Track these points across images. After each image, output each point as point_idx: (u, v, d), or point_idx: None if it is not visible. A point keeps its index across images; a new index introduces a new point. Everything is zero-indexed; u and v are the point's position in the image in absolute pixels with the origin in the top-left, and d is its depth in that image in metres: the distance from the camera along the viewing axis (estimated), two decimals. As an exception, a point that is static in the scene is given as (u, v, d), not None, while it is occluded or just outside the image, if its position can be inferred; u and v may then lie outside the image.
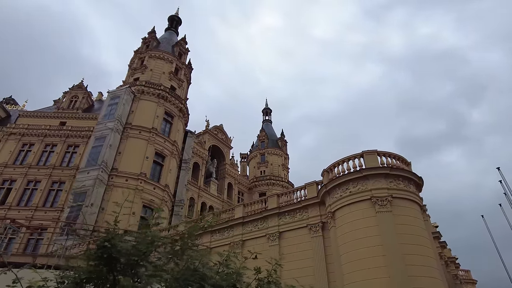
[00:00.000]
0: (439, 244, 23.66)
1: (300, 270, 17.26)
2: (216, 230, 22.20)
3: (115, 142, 31.58)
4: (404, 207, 15.22)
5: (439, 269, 14.54)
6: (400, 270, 13.27)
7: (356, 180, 16.05)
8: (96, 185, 28.42)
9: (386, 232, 14.25)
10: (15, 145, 40.85)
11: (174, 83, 40.14)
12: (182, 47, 44.05)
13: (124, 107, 33.67)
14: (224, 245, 21.24)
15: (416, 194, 16.13)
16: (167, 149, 34.88)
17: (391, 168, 15.77)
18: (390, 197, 15.07)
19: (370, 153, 16.46)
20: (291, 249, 18.34)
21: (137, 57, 41.36)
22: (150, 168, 32.60)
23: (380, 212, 14.81)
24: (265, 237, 19.51)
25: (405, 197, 15.53)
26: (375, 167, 15.82)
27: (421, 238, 14.53)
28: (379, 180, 15.66)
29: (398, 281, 13.02)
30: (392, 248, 13.80)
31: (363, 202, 15.43)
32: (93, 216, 27.25)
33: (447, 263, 24.49)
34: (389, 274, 13.31)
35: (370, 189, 15.51)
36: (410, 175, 16.10)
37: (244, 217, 20.93)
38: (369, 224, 14.83)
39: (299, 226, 18.54)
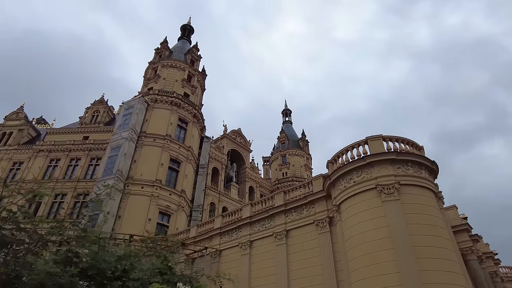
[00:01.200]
0: (469, 237, 21.35)
1: (309, 270, 16.20)
2: (226, 232, 21.56)
3: (130, 151, 32.09)
4: (414, 194, 13.73)
5: (459, 262, 12.84)
6: (411, 264, 11.84)
7: (360, 168, 14.79)
8: (112, 194, 28.83)
9: (394, 223, 12.87)
10: (43, 161, 42.88)
11: (188, 90, 40.43)
12: (194, 54, 44.44)
13: (138, 116, 34.25)
14: (233, 247, 20.55)
15: (429, 180, 14.54)
16: (182, 155, 34.96)
17: (397, 153, 14.35)
18: (398, 184, 13.65)
19: (375, 138, 15.14)
20: (298, 247, 17.27)
21: (150, 68, 42.24)
22: (166, 175, 32.74)
23: (387, 201, 13.45)
24: (272, 237, 18.58)
25: (416, 183, 14.03)
26: (379, 152, 14.48)
27: (435, 228, 12.97)
28: (385, 166, 14.29)
29: (409, 276, 11.61)
30: (401, 240, 12.40)
31: (368, 191, 14.13)
32: (109, 224, 27.56)
33: (481, 259, 22.02)
34: (399, 269, 11.91)
35: (375, 177, 14.19)
36: (420, 159, 14.56)
37: (251, 217, 20.13)
38: (376, 215, 13.50)
39: (306, 222, 17.45)
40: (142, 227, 28.82)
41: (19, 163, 43.89)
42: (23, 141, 47.32)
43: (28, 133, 48.70)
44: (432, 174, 15.15)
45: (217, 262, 20.94)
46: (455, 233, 21.49)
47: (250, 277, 18.57)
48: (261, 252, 18.85)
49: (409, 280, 11.52)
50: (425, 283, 11.51)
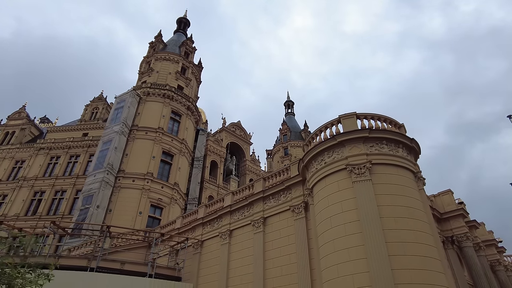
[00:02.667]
0: (465, 223, 20.00)
1: (284, 258, 15.39)
2: (208, 222, 20.95)
3: (121, 145, 31.85)
4: (388, 174, 12.66)
5: (436, 247, 11.71)
6: (380, 248, 10.83)
7: (331, 148, 13.80)
8: (102, 187, 28.71)
9: (363, 205, 11.86)
10: (44, 158, 43.41)
11: (181, 82, 39.94)
12: (189, 47, 43.89)
13: (129, 109, 33.98)
14: (214, 237, 19.92)
15: (406, 159, 13.41)
16: (175, 147, 34.54)
17: (370, 130, 13.27)
18: (369, 163, 12.62)
19: (348, 116, 14.10)
20: (275, 235, 16.46)
21: (144, 62, 41.97)
22: (158, 168, 32.41)
23: (357, 182, 12.44)
24: (250, 225, 17.81)
25: (391, 162, 12.95)
26: (350, 131, 13.44)
27: (410, 210, 11.88)
28: (357, 145, 13.26)
29: (376, 262, 10.61)
30: (370, 224, 11.39)
31: (339, 172, 13.15)
32: (99, 217, 27.45)
33: (479, 246, 20.61)
34: (366, 254, 10.95)
35: (346, 156, 13.19)
36: (397, 136, 13.44)
37: (231, 205, 19.42)
38: (345, 197, 12.53)
39: (283, 209, 16.60)
40: (133, 220, 28.63)
41: (21, 161, 44.60)
42: (26, 140, 48.04)
43: (31, 132, 49.39)
44: (412, 153, 14.01)
45: (199, 253, 20.37)
46: (450, 218, 20.29)
47: (229, 267, 17.90)
48: (240, 241, 18.13)
49: (377, 266, 10.54)
50: (394, 268, 10.50)
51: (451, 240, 19.94)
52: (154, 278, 18.29)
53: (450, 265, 18.90)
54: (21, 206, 39.28)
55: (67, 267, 18.31)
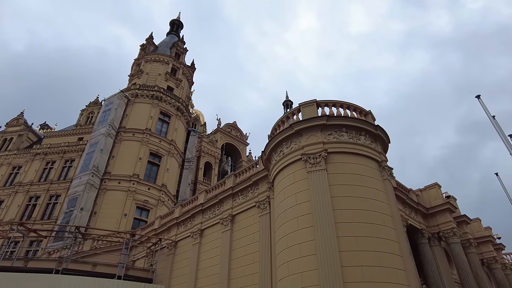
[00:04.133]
0: (452, 219, 18.74)
1: (249, 257, 14.58)
2: (182, 222, 20.28)
3: (107, 147, 31.60)
4: (347, 163, 11.74)
5: (398, 241, 10.68)
6: (330, 243, 9.91)
7: (289, 138, 12.97)
8: (87, 189, 28.43)
9: (316, 197, 10.98)
10: (40, 164, 43.60)
11: (171, 83, 39.62)
12: (180, 48, 43.61)
13: (117, 111, 33.76)
14: (187, 237, 19.22)
15: (370, 147, 12.45)
16: (163, 148, 34.11)
17: (328, 117, 12.38)
18: (324, 152, 11.72)
19: (307, 104, 13.25)
20: (242, 233, 15.66)
21: (135, 64, 41.87)
22: (145, 169, 32.00)
23: (311, 172, 11.56)
24: (220, 224, 17.04)
25: (351, 151, 12.02)
26: (307, 118, 12.58)
27: (368, 202, 10.92)
28: (314, 134, 12.39)
29: (325, 258, 9.70)
30: (321, 217, 10.50)
31: (295, 163, 12.30)
32: (83, 220, 27.12)
33: (470, 242, 19.26)
34: (316, 250, 10.05)
35: (303, 146, 12.34)
36: (357, 123, 12.50)
37: (203, 204, 18.70)
38: (300, 189, 11.66)
39: (250, 205, 15.81)
40: (117, 222, 28.22)
41: (18, 167, 44.92)
42: (24, 146, 48.50)
43: (28, 138, 49.87)
44: (378, 141, 13.03)
45: (173, 253, 19.69)
46: (436, 213, 19.11)
47: (198, 268, 17.16)
48: (210, 241, 17.38)
49: (326, 263, 9.62)
50: (345, 266, 9.55)
51: (437, 237, 18.74)
52: (124, 280, 17.70)
53: (436, 263, 17.71)
54: (16, 211, 39.42)
55: (35, 270, 17.99)
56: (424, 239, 18.05)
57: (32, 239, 34.61)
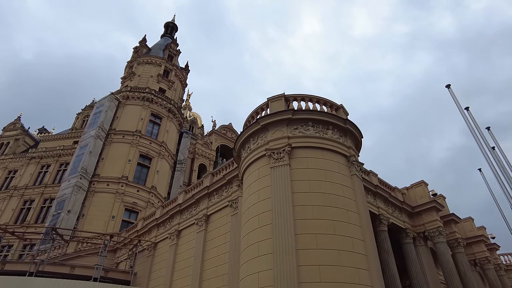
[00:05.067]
0: (438, 217, 18.05)
1: (220, 258, 14.19)
2: (161, 223, 19.93)
3: (97, 149, 31.47)
4: (311, 158, 11.27)
5: (363, 240, 10.13)
6: (287, 241, 9.44)
7: (256, 134, 12.56)
8: (74, 192, 28.27)
9: (277, 193, 10.52)
10: (35, 167, 43.65)
11: (164, 85, 39.48)
12: (173, 49, 43.53)
13: (107, 114, 33.67)
14: (165, 239, 18.86)
15: (338, 142, 11.96)
16: (153, 150, 33.88)
17: (293, 111, 11.94)
18: (288, 147, 11.27)
19: (276, 98, 12.84)
20: (215, 233, 15.25)
21: (128, 67, 41.84)
22: (134, 171, 31.77)
23: (274, 168, 11.12)
24: (195, 224, 16.64)
25: (316, 145, 11.55)
26: (272, 113, 12.16)
27: (332, 197, 10.43)
28: (280, 128, 11.96)
29: (281, 257, 9.22)
30: (280, 213, 10.03)
31: (261, 159, 11.86)
32: (70, 222, 26.93)
33: (458, 242, 18.52)
34: (273, 248, 9.58)
35: (268, 141, 11.91)
36: (324, 117, 12.03)
37: (181, 204, 18.34)
38: (263, 185, 11.22)
39: (224, 205, 15.40)
40: (105, 225, 27.98)
41: (14, 171, 45.06)
42: (20, 150, 48.69)
43: (25, 142, 50.10)
44: (348, 135, 12.53)
45: (152, 255, 19.33)
46: (422, 212, 18.47)
47: (174, 269, 16.77)
48: (186, 242, 17.00)
49: (281, 262, 9.13)
50: (302, 265, 9.06)
51: (423, 236, 18.09)
52: (101, 282, 17.35)
53: (420, 263, 17.06)
54: (10, 215, 39.44)
55: (11, 273, 17.75)
56: (409, 239, 17.41)
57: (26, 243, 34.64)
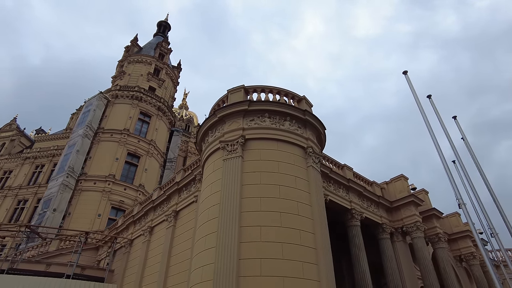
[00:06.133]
0: (417, 212, 17.57)
1: (185, 253, 13.90)
2: (137, 220, 19.78)
3: (84, 148, 31.50)
4: (265, 149, 10.97)
5: (313, 232, 9.77)
6: (231, 234, 9.16)
7: (214, 126, 12.30)
8: (61, 190, 28.30)
9: (226, 185, 10.26)
10: (29, 167, 43.93)
11: (154, 83, 39.42)
12: (164, 48, 43.45)
13: (95, 112, 33.68)
14: (140, 236, 18.69)
15: (295, 133, 11.63)
16: (142, 148, 33.80)
17: (250, 103, 11.64)
18: (242, 138, 10.99)
19: (235, 90, 12.55)
20: (183, 229, 15.02)
21: (119, 66, 41.86)
22: (122, 169, 31.72)
23: (227, 160, 10.85)
24: (166, 220, 16.44)
25: (272, 137, 11.25)
26: (229, 104, 11.88)
27: (283, 189, 10.11)
28: (237, 120, 11.67)
29: (224, 251, 8.95)
30: (227, 206, 9.76)
31: (217, 152, 11.60)
32: (56, 221, 26.96)
33: (439, 237, 17.99)
34: (216, 242, 9.31)
35: (223, 133, 11.63)
36: (280, 108, 11.72)
37: (154, 201, 18.16)
38: (216, 178, 10.96)
39: (191, 200, 15.13)
40: (91, 223, 27.96)
41: (9, 171, 45.40)
42: (16, 151, 49.01)
43: (21, 142, 50.46)
44: (308, 127, 12.20)
45: (128, 252, 19.20)
46: (401, 207, 18.03)
47: (145, 265, 16.61)
48: (158, 238, 16.81)
49: (223, 256, 8.85)
50: (244, 258, 8.79)
51: (401, 231, 17.64)
52: (74, 279, 17.26)
53: (397, 259, 16.63)
54: (4, 215, 39.72)
55: (-15, 271, 17.76)
56: (386, 234, 16.99)
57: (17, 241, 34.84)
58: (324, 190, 14.53)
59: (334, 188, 15.42)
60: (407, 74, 10.44)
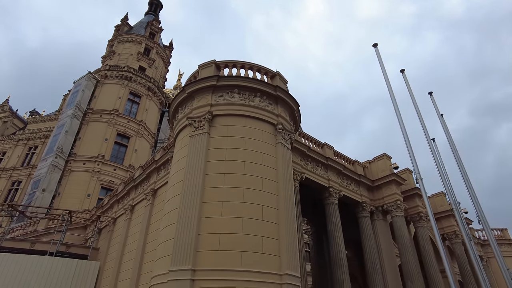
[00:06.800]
0: (398, 191, 17.53)
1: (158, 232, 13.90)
2: (120, 199, 19.86)
3: (73, 128, 31.34)
4: (232, 126, 10.76)
5: (281, 209, 9.69)
6: (192, 211, 9.09)
7: (183, 102, 12.06)
8: (49, 171, 28.36)
9: (191, 162, 10.12)
10: (22, 149, 43.96)
11: (144, 63, 38.80)
12: (154, 27, 42.51)
13: (84, 93, 33.32)
14: (122, 214, 18.80)
15: (265, 109, 11.37)
16: (131, 129, 33.62)
17: (218, 78, 11.34)
18: (208, 114, 10.76)
19: (206, 65, 12.21)
20: (159, 207, 14.95)
21: (109, 45, 41.10)
22: (111, 150, 31.66)
23: (193, 137, 10.67)
24: (145, 199, 16.46)
25: (240, 113, 11.01)
26: (197, 80, 11.59)
27: (249, 165, 9.97)
28: (206, 96, 11.41)
29: (184, 226, 8.91)
30: (190, 182, 9.65)
31: (185, 128, 11.41)
32: (45, 201, 27.15)
33: (420, 216, 18.00)
34: (177, 218, 9.27)
35: (192, 109, 11.41)
36: (250, 83, 11.41)
37: (135, 179, 18.15)
38: (182, 155, 10.84)
39: (168, 179, 15.02)
40: (81, 203, 28.15)
41: (2, 153, 45.48)
42: (9, 132, 48.98)
43: (14, 124, 50.33)
44: (280, 103, 11.93)
45: (111, 231, 19.37)
46: (382, 186, 17.98)
47: (125, 243, 16.77)
48: (137, 216, 16.89)
49: (182, 231, 8.82)
50: (202, 233, 8.76)
51: (382, 210, 17.66)
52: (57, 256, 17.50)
53: (375, 237, 16.73)
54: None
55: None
56: (365, 213, 17.03)
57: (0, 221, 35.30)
58: (300, 168, 14.46)
59: (312, 166, 15.30)
60: (377, 47, 10.06)
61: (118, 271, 16.18)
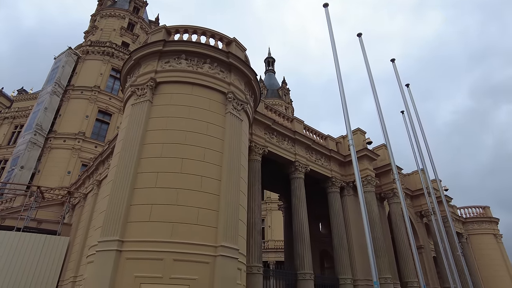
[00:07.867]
0: (370, 167, 17.09)
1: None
2: (91, 174, 19.54)
3: (53, 105, 30.74)
4: (177, 94, 10.18)
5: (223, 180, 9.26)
6: (125, 181, 8.69)
7: (131, 70, 11.43)
8: (28, 148, 28.01)
9: (130, 131, 9.62)
10: (8, 127, 43.48)
11: (127, 38, 37.66)
12: (139, 1, 41.03)
13: (64, 69, 32.49)
14: (92, 190, 18.50)
15: (214, 77, 10.73)
16: (113, 106, 32.98)
17: (164, 43, 10.65)
18: (152, 81, 10.15)
19: (156, 31, 11.51)
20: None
21: (91, 21, 39.82)
22: (92, 127, 31.16)
23: (135, 105, 10.12)
24: (109, 173, 16.10)
25: (187, 80, 10.39)
26: (142, 45, 10.91)
27: (190, 135, 9.47)
28: (152, 63, 10.76)
29: (115, 198, 8.53)
30: (127, 153, 9.19)
31: (131, 97, 10.81)
32: (24, 178, 26.94)
33: (394, 192, 17.66)
34: (111, 190, 8.88)
35: (137, 77, 10.80)
36: (198, 48, 10.72)
37: (102, 154, 17.81)
38: (124, 125, 10.34)
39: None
40: (61, 180, 27.93)
41: (-11, 131, 45.16)
42: (-4, 111, 48.47)
43: (0, 103, 49.68)
44: (234, 71, 11.28)
45: (82, 206, 19.18)
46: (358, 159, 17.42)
47: (91, 218, 16.58)
48: (103, 191, 16.56)
49: (114, 202, 8.45)
50: (134, 204, 8.38)
51: (352, 186, 17.28)
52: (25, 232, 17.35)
53: (344, 213, 16.43)
54: (-15, 174, 39.97)
55: None
56: (335, 188, 16.65)
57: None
58: (263, 141, 13.96)
59: (277, 140, 14.79)
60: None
61: (83, 246, 16.05)
